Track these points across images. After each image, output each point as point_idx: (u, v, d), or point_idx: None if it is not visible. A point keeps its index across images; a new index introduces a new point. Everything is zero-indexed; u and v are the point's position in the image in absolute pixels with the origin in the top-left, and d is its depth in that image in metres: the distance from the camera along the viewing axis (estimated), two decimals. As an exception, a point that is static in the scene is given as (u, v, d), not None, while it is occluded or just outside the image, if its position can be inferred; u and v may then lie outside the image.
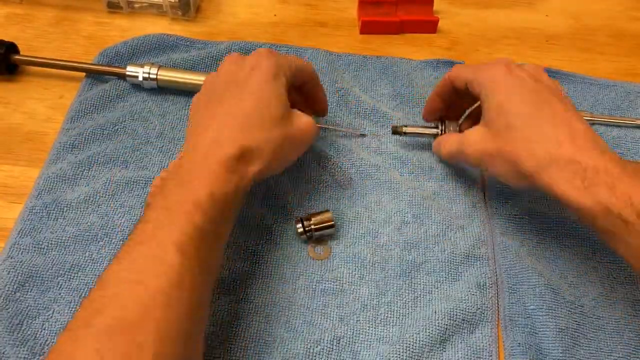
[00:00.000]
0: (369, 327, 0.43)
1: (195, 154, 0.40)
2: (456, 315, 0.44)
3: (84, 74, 0.58)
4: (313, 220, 0.46)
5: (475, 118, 0.51)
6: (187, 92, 0.57)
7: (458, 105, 0.51)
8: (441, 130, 0.52)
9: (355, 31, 0.66)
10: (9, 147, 0.53)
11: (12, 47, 0.57)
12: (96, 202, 0.48)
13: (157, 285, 0.32)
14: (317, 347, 0.42)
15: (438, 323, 0.43)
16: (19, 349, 0.40)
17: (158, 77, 0.55)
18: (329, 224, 0.47)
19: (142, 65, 0.56)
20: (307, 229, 0.47)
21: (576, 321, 0.44)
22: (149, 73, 0.55)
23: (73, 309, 0.42)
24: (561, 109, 0.41)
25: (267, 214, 0.49)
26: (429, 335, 0.42)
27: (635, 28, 0.69)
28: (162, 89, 0.57)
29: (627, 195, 0.36)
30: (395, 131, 0.53)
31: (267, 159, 0.41)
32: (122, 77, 0.56)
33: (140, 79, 0.55)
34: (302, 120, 0.44)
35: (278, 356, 0.41)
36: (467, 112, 0.49)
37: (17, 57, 0.57)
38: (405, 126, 0.53)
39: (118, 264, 0.34)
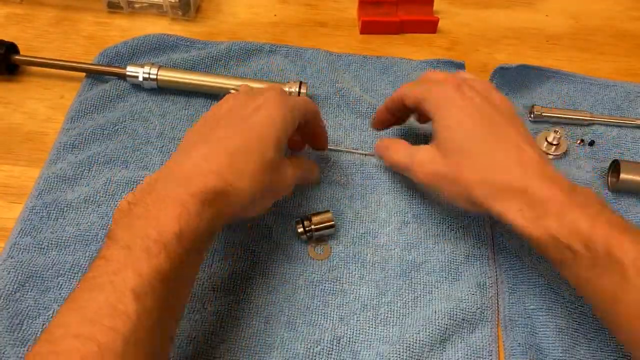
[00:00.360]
0: (369, 327, 0.43)
1: (169, 179, 0.36)
2: (456, 315, 0.44)
3: (84, 74, 0.58)
4: (313, 220, 0.46)
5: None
6: (187, 92, 0.57)
7: (406, 118, 0.52)
8: None
9: (355, 31, 0.66)
10: (9, 147, 0.53)
11: (12, 47, 0.57)
12: (96, 202, 0.48)
13: (110, 341, 0.29)
14: (317, 347, 0.42)
15: (438, 323, 0.43)
16: (19, 349, 0.40)
17: (158, 77, 0.55)
18: (329, 224, 0.47)
19: (142, 66, 0.56)
20: (307, 229, 0.47)
21: (576, 321, 0.44)
22: (149, 73, 0.55)
23: (73, 309, 0.42)
24: (512, 133, 0.41)
25: (267, 214, 0.49)
26: (429, 335, 0.42)
27: (635, 28, 0.69)
28: (162, 89, 0.57)
29: (574, 225, 0.36)
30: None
31: (246, 200, 0.38)
32: (123, 77, 0.56)
33: (141, 79, 0.55)
34: (288, 172, 0.42)
35: (278, 356, 0.41)
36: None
37: (17, 57, 0.57)
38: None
39: (69, 310, 0.31)
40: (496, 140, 0.40)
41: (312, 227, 0.46)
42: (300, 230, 0.47)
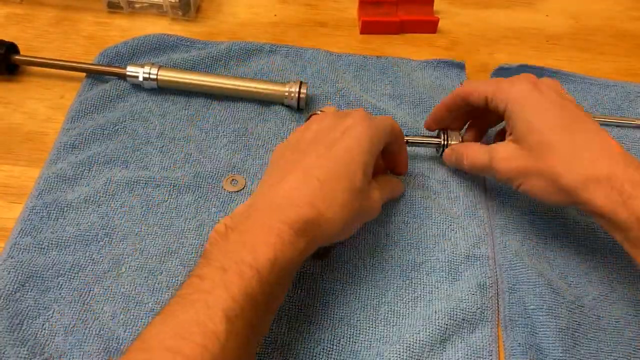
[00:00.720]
0: (369, 326, 0.43)
1: (264, 206, 0.37)
2: (456, 315, 0.44)
3: (84, 74, 0.58)
4: None
5: (477, 129, 0.51)
6: (188, 92, 0.57)
7: (461, 118, 0.52)
8: (443, 140, 0.52)
9: (355, 31, 0.66)
10: (9, 147, 0.53)
11: (12, 47, 0.57)
12: (96, 202, 0.48)
13: (198, 358, 0.30)
14: (317, 346, 0.42)
15: (438, 323, 0.43)
16: (19, 349, 0.40)
17: (158, 77, 0.56)
18: None
19: (142, 66, 0.56)
20: None
21: (576, 321, 0.44)
22: (149, 73, 0.55)
23: (73, 309, 0.42)
24: (591, 125, 0.42)
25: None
26: (429, 335, 0.42)
27: (635, 28, 0.69)
28: (163, 89, 0.57)
29: None
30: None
31: (338, 229, 0.38)
32: (123, 77, 0.56)
33: (141, 79, 0.55)
34: (376, 196, 0.43)
35: (278, 356, 0.41)
36: (497, 128, 0.51)
37: (17, 57, 0.57)
38: (407, 136, 0.52)
39: (162, 322, 0.32)
40: (577, 131, 0.41)
41: None
42: None
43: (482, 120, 0.52)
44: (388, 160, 0.48)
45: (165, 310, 0.32)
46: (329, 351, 0.42)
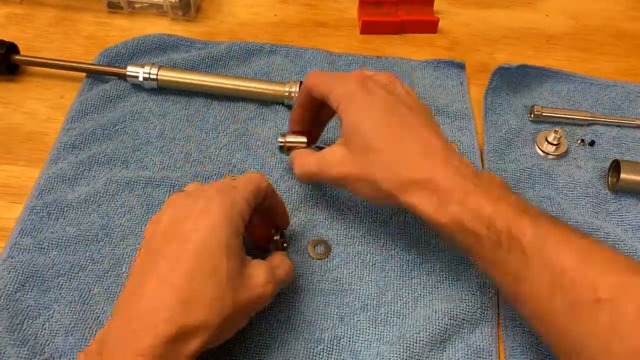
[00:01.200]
0: (369, 326, 0.43)
1: (118, 334, 0.33)
2: (456, 315, 0.44)
3: (84, 74, 0.58)
4: (288, 137, 0.48)
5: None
6: (188, 92, 0.57)
7: (328, 116, 0.50)
8: (283, 139, 0.49)
9: (355, 31, 0.66)
10: (9, 147, 0.53)
11: (12, 47, 0.57)
12: (96, 202, 0.48)
13: None
14: (317, 346, 0.42)
15: (438, 323, 0.43)
16: (20, 349, 0.40)
17: (158, 77, 0.56)
18: (302, 140, 0.48)
19: (142, 66, 0.56)
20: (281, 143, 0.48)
21: (576, 321, 0.44)
22: (149, 73, 0.55)
23: (74, 309, 0.42)
24: (417, 125, 0.41)
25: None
26: (429, 335, 0.42)
27: (635, 28, 0.69)
28: (163, 89, 0.57)
29: (477, 209, 0.37)
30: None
31: (213, 332, 0.33)
32: (123, 77, 0.56)
33: (141, 79, 0.55)
34: (259, 278, 0.36)
35: (279, 356, 0.41)
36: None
37: (17, 57, 0.57)
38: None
39: None
40: (401, 132, 0.41)
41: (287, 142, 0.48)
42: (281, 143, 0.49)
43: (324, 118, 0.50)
44: (266, 217, 0.44)
45: None
46: (330, 351, 0.42)
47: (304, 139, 0.48)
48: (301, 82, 0.55)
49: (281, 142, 0.49)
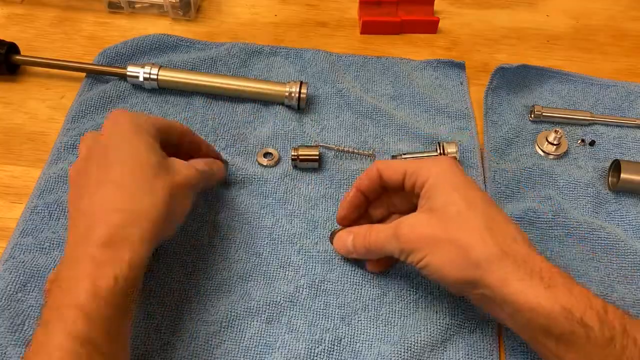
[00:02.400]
0: (370, 327, 0.43)
1: (77, 230, 0.36)
2: (457, 315, 0.44)
3: (84, 74, 0.58)
4: (300, 151, 0.51)
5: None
6: (188, 92, 0.57)
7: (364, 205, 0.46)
8: (441, 150, 0.51)
9: (355, 31, 0.66)
10: (10, 148, 0.53)
11: (13, 48, 0.57)
12: (97, 202, 0.48)
13: None
14: (318, 347, 0.42)
15: (439, 323, 0.43)
16: (21, 349, 0.40)
17: (159, 77, 0.56)
18: (314, 155, 0.51)
19: (142, 66, 0.56)
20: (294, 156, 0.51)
21: (577, 321, 0.44)
22: (149, 73, 0.55)
23: (74, 309, 0.42)
24: (496, 206, 0.40)
25: (266, 216, 0.49)
26: (430, 335, 0.43)
27: (636, 28, 0.69)
28: (163, 90, 0.57)
29: (586, 298, 0.34)
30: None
31: (157, 221, 0.37)
32: (123, 77, 0.56)
33: (141, 79, 0.55)
34: (181, 165, 0.41)
35: (280, 356, 0.41)
36: None
37: (18, 57, 0.57)
38: (405, 154, 0.52)
39: None
40: (496, 211, 0.39)
41: (299, 155, 0.51)
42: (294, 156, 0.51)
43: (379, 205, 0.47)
44: (189, 151, 0.46)
45: None
46: (331, 351, 0.42)
47: (317, 152, 0.51)
48: (302, 82, 0.55)
49: (294, 155, 0.51)
